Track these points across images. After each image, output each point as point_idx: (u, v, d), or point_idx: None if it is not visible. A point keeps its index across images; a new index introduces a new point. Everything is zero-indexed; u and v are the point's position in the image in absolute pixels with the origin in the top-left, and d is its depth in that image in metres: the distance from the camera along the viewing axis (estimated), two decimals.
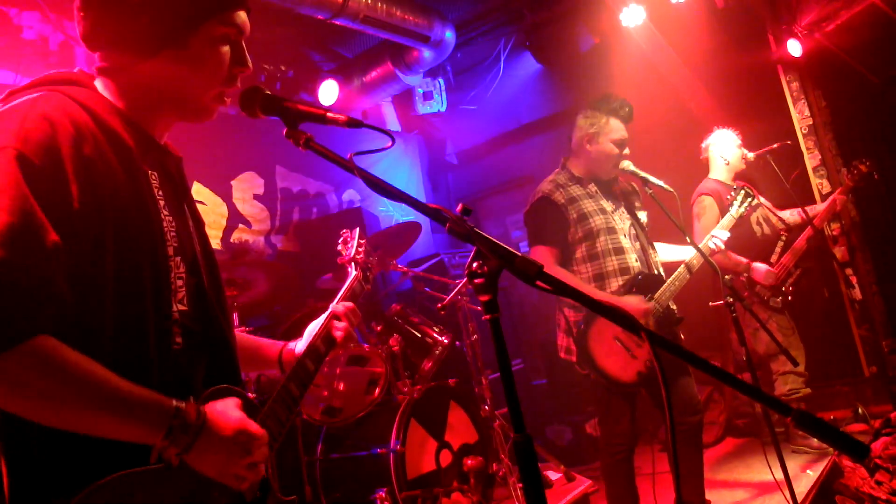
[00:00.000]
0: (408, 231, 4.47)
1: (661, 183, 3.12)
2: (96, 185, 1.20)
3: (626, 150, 3.25)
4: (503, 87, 6.68)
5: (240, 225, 5.22)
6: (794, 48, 5.16)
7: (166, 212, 1.35)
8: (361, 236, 2.22)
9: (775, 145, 4.45)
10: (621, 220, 3.24)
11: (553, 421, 5.30)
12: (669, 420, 1.22)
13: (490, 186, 7.47)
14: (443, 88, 6.47)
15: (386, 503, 3.17)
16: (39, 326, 1.09)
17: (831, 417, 4.46)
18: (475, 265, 1.21)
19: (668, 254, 3.44)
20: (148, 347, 1.24)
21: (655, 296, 3.08)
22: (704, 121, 4.99)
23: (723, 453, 4.72)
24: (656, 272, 3.22)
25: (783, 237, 4.42)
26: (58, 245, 1.12)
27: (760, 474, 3.92)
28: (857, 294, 5.03)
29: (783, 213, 4.52)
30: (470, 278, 1.22)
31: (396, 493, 3.19)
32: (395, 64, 5.65)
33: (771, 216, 4.49)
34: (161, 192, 1.36)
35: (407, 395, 3.57)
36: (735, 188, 3.49)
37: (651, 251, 3.29)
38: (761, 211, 4.47)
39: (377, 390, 3.58)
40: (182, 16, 1.31)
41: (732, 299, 2.89)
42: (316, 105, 1.42)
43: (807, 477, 3.76)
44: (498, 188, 7.43)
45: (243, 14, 1.41)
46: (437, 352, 4.05)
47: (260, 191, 5.48)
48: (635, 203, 3.39)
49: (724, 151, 4.51)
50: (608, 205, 3.24)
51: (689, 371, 3.20)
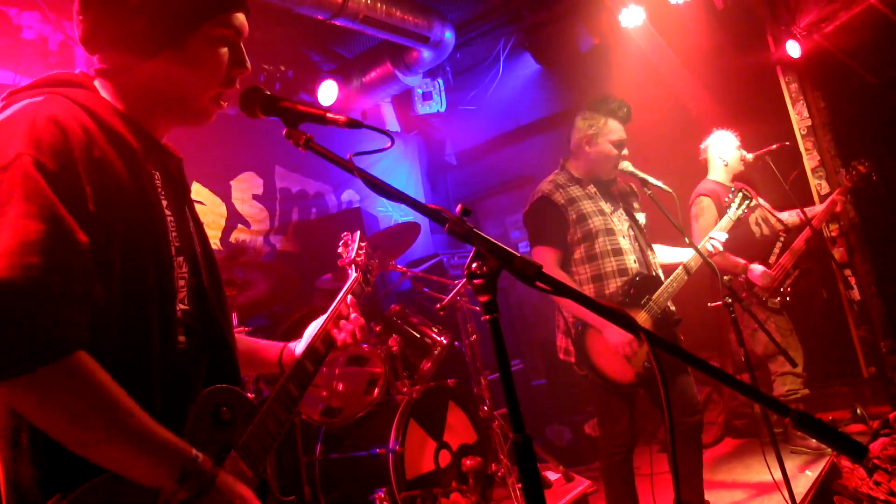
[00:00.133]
0: (407, 231, 4.47)
1: (660, 184, 3.12)
2: (105, 187, 1.21)
3: (625, 151, 3.24)
4: (502, 88, 6.69)
5: (239, 225, 5.22)
6: (793, 49, 5.17)
7: (168, 212, 1.35)
8: (362, 239, 2.22)
9: (774, 146, 4.45)
10: (620, 222, 3.24)
11: (552, 421, 5.31)
12: (668, 420, 1.21)
13: (489, 187, 7.47)
14: (442, 89, 6.48)
15: (385, 503, 3.17)
16: (79, 340, 1.08)
17: (830, 418, 4.46)
18: (474, 266, 1.21)
19: (667, 255, 3.44)
20: (151, 347, 1.24)
21: (654, 297, 3.08)
22: (703, 121, 5.00)
23: (722, 454, 4.73)
24: (655, 273, 3.22)
25: (782, 238, 4.42)
26: (87, 247, 1.13)
27: (759, 475, 3.92)
28: (856, 295, 5.03)
29: (782, 215, 4.52)
30: (469, 279, 1.21)
31: (395, 494, 3.19)
32: (395, 64, 5.65)
33: (770, 217, 4.50)
34: (163, 192, 1.37)
35: (406, 396, 3.57)
36: (733, 190, 3.49)
37: (649, 252, 3.29)
38: (760, 212, 4.48)
39: (376, 390, 3.58)
40: (180, 17, 1.32)
41: (731, 300, 2.89)
42: (315, 105, 1.42)
43: (805, 477, 3.76)
44: (497, 188, 7.43)
45: (242, 16, 1.41)
46: (436, 352, 4.05)
47: (259, 191, 5.48)
48: (634, 204, 3.39)
49: (723, 152, 4.52)
50: (607, 206, 3.24)
51: (688, 371, 3.20)
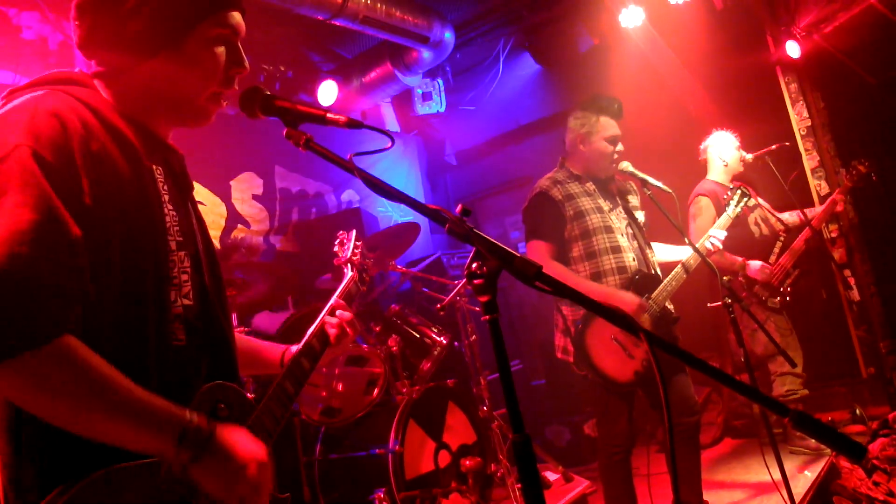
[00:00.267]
0: (407, 231, 4.47)
1: (660, 184, 3.12)
2: (103, 181, 1.21)
3: (620, 147, 3.25)
4: (502, 88, 6.69)
5: (239, 225, 5.22)
6: (793, 50, 5.17)
7: (170, 206, 1.36)
8: (358, 238, 2.23)
9: (774, 147, 4.46)
10: (618, 220, 3.24)
11: (552, 421, 5.31)
12: (667, 420, 1.21)
13: (489, 187, 7.47)
14: (442, 89, 6.48)
15: (384, 503, 3.18)
16: (67, 325, 1.09)
17: (829, 418, 4.46)
18: (474, 266, 1.21)
19: (666, 254, 3.44)
20: (147, 343, 1.24)
21: (653, 295, 3.08)
22: (703, 122, 5.00)
23: (721, 454, 4.73)
24: (653, 272, 3.23)
25: (781, 238, 4.42)
26: (80, 240, 1.13)
27: (758, 475, 3.93)
28: (855, 295, 5.03)
29: (782, 215, 4.52)
30: (469, 279, 1.21)
31: (395, 494, 3.20)
32: (395, 64, 5.65)
33: (769, 217, 4.50)
34: (166, 188, 1.37)
35: (405, 396, 3.58)
36: (731, 188, 3.50)
37: (648, 250, 3.29)
38: (759, 212, 4.48)
39: (376, 391, 3.59)
40: (177, 17, 1.32)
41: (731, 300, 2.89)
42: (315, 106, 1.42)
43: (804, 478, 3.76)
44: (497, 189, 7.43)
45: (238, 15, 1.41)
46: (436, 352, 4.05)
47: (259, 191, 5.47)
48: (633, 202, 3.39)
49: (723, 153, 4.52)
50: (605, 204, 3.24)
51: (686, 371, 3.20)
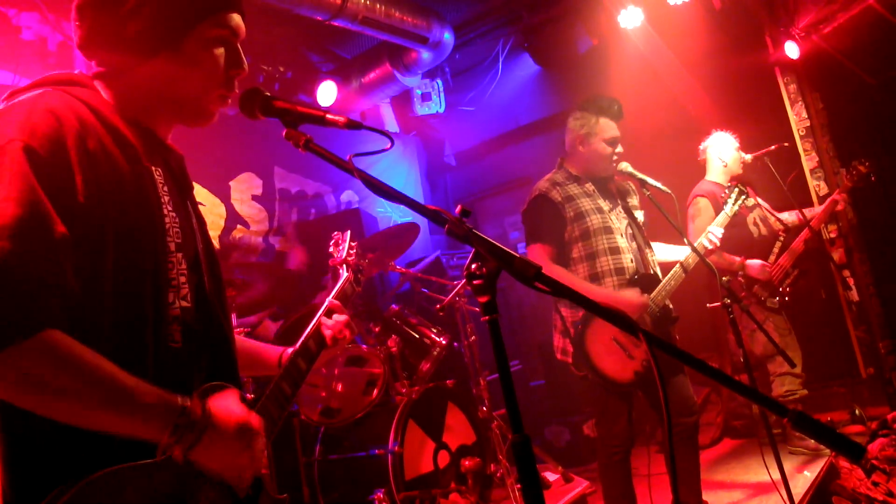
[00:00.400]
0: (406, 232, 4.47)
1: (659, 184, 3.12)
2: (99, 180, 1.21)
3: (619, 148, 3.24)
4: (501, 89, 6.69)
5: (238, 226, 5.22)
6: (792, 50, 5.17)
7: (170, 207, 1.35)
8: (353, 238, 2.23)
9: (773, 147, 4.46)
10: (618, 220, 3.24)
11: (551, 422, 5.31)
12: (667, 421, 1.21)
13: (488, 187, 7.47)
14: (441, 90, 6.48)
15: (384, 503, 3.18)
16: (49, 319, 1.09)
17: (828, 419, 4.47)
18: (474, 267, 1.21)
19: (666, 254, 3.44)
20: (145, 345, 1.24)
21: (651, 295, 3.08)
22: (702, 122, 5.00)
23: (720, 454, 4.73)
24: (652, 272, 3.23)
25: (781, 238, 4.43)
26: (66, 237, 1.13)
27: (758, 475, 3.93)
28: (855, 296, 5.04)
29: (781, 214, 4.53)
30: (468, 280, 1.22)
31: (394, 494, 3.20)
32: (394, 65, 5.66)
33: (768, 216, 4.50)
34: (166, 189, 1.36)
35: (405, 396, 3.58)
36: (729, 186, 3.51)
37: (648, 251, 3.29)
38: (758, 211, 4.48)
39: (375, 391, 3.58)
40: (176, 18, 1.32)
41: (730, 301, 2.90)
42: (315, 106, 1.42)
43: (804, 478, 3.76)
44: (496, 189, 7.44)
45: (237, 16, 1.41)
46: (436, 353, 4.05)
47: (258, 191, 5.48)
48: (632, 202, 3.40)
49: (723, 153, 4.52)
50: (605, 204, 3.24)
51: (685, 371, 3.20)
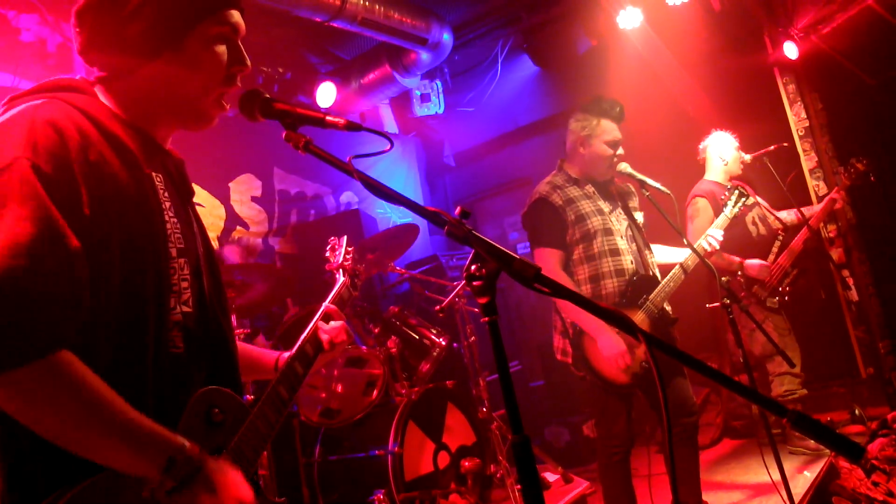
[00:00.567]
0: (406, 233, 4.47)
1: (658, 185, 3.12)
2: (103, 191, 1.21)
3: (620, 151, 3.24)
4: (500, 89, 6.70)
5: (238, 227, 5.22)
6: (791, 50, 5.17)
7: (171, 213, 1.35)
8: (349, 244, 2.24)
9: (772, 147, 4.46)
10: (618, 222, 3.24)
11: (551, 422, 5.31)
12: (666, 421, 1.21)
13: (488, 188, 7.48)
14: (440, 90, 6.48)
15: None
16: (62, 340, 1.09)
17: (828, 419, 4.47)
18: (473, 268, 1.21)
19: (665, 255, 3.44)
20: (146, 350, 1.24)
21: (651, 297, 3.08)
22: (701, 123, 5.00)
23: (720, 455, 4.73)
24: (652, 273, 3.23)
25: (780, 237, 4.43)
26: (80, 252, 1.13)
27: (757, 475, 3.93)
28: (854, 295, 5.04)
29: (780, 213, 4.53)
30: (468, 281, 1.22)
31: (394, 495, 3.20)
32: (393, 66, 5.66)
33: (768, 215, 4.50)
34: (166, 195, 1.37)
35: (405, 397, 3.58)
36: (729, 187, 3.50)
37: (647, 252, 3.29)
38: (757, 211, 4.48)
39: (375, 392, 3.59)
40: (177, 18, 1.32)
41: (729, 301, 2.90)
42: (314, 108, 1.42)
43: (804, 478, 3.76)
44: (495, 190, 7.44)
45: (237, 13, 1.41)
46: (435, 353, 4.05)
47: (258, 193, 5.48)
48: (632, 204, 3.39)
49: (723, 152, 4.52)
50: (605, 206, 3.24)
51: (684, 372, 3.20)
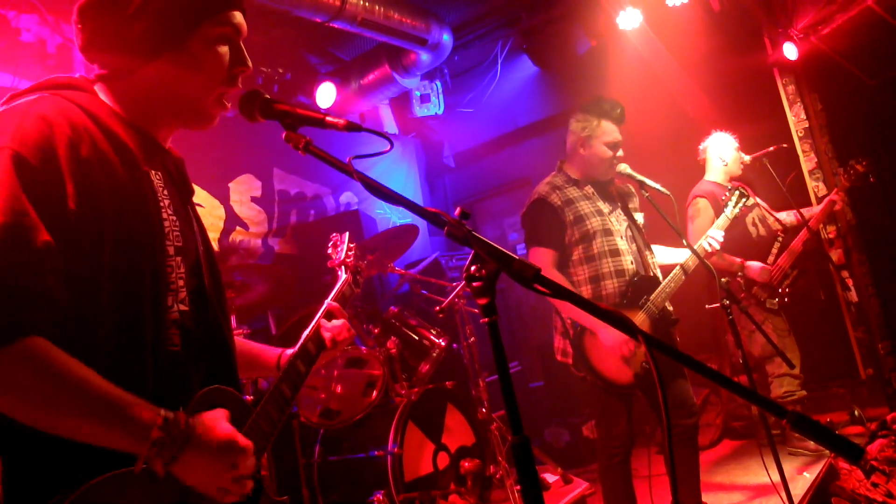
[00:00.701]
0: (405, 233, 4.47)
1: (658, 185, 3.13)
2: (94, 186, 1.20)
3: (620, 152, 3.24)
4: (500, 90, 6.70)
5: (237, 227, 5.22)
6: (790, 51, 5.18)
7: (170, 211, 1.35)
8: (351, 240, 2.22)
9: (771, 148, 4.46)
10: (618, 222, 3.24)
11: (550, 423, 5.31)
12: (666, 422, 1.21)
13: (487, 189, 7.47)
14: (440, 91, 6.49)
15: None
16: (30, 327, 1.09)
17: (827, 420, 4.47)
18: (473, 268, 1.21)
19: (666, 256, 3.44)
20: (144, 349, 1.24)
21: (651, 297, 3.08)
22: (701, 124, 5.00)
23: (720, 455, 4.73)
24: (652, 274, 3.23)
25: (780, 238, 4.43)
26: (50, 245, 1.12)
27: (757, 476, 3.93)
28: (853, 296, 5.04)
29: (780, 214, 4.53)
30: (468, 281, 1.22)
31: (394, 496, 3.20)
32: (393, 67, 5.66)
33: (767, 216, 4.50)
34: (166, 193, 1.37)
35: (404, 398, 3.58)
36: (730, 188, 3.50)
37: (648, 253, 3.29)
38: (757, 211, 4.48)
39: (375, 393, 3.59)
40: (180, 18, 1.32)
41: (728, 302, 2.90)
42: (314, 108, 1.42)
43: (803, 479, 3.76)
44: (495, 190, 7.44)
45: (239, 14, 1.41)
46: (435, 354, 4.05)
47: (257, 193, 5.48)
48: (632, 204, 3.39)
49: (723, 152, 4.53)
50: (605, 206, 3.24)
51: (685, 373, 3.20)
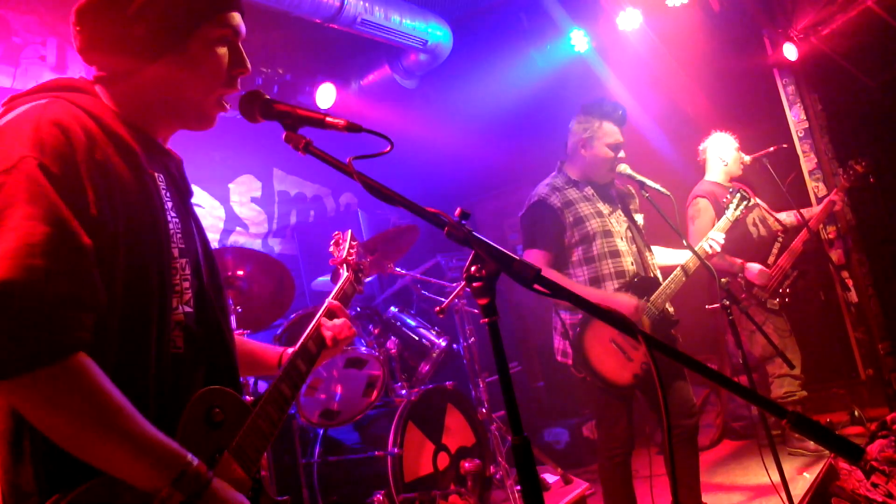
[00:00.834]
0: (406, 234, 4.47)
1: (658, 186, 3.13)
2: (108, 191, 1.21)
3: (622, 154, 3.24)
4: None
5: (237, 228, 5.22)
6: (790, 52, 5.18)
7: (173, 213, 1.35)
8: (353, 238, 2.21)
9: (771, 149, 4.47)
10: (618, 223, 3.24)
11: (550, 423, 5.31)
12: (666, 423, 1.21)
13: (487, 189, 7.46)
14: None
15: None
16: (80, 342, 1.08)
17: (827, 420, 4.47)
18: (473, 269, 1.21)
19: (666, 257, 3.44)
20: (149, 350, 1.24)
21: (651, 298, 3.08)
22: (701, 124, 5.01)
23: (720, 456, 4.73)
24: (652, 275, 3.23)
25: (780, 238, 4.43)
26: (92, 250, 1.13)
27: (757, 477, 3.93)
28: (853, 297, 5.04)
29: (780, 215, 4.53)
30: (468, 282, 1.22)
31: (394, 496, 3.20)
32: (393, 68, 5.66)
33: (767, 217, 4.50)
34: (168, 195, 1.37)
35: (404, 398, 3.58)
36: (731, 190, 3.50)
37: (648, 254, 3.29)
38: (758, 212, 4.48)
39: (374, 393, 3.58)
40: (180, 20, 1.32)
41: (729, 302, 2.90)
42: (314, 109, 1.42)
43: (803, 479, 3.77)
44: (495, 191, 7.42)
45: (237, 16, 1.41)
46: (435, 355, 4.05)
47: (257, 194, 5.48)
48: (632, 205, 3.40)
49: (723, 153, 4.53)
50: (605, 207, 3.24)
51: (685, 374, 3.20)
